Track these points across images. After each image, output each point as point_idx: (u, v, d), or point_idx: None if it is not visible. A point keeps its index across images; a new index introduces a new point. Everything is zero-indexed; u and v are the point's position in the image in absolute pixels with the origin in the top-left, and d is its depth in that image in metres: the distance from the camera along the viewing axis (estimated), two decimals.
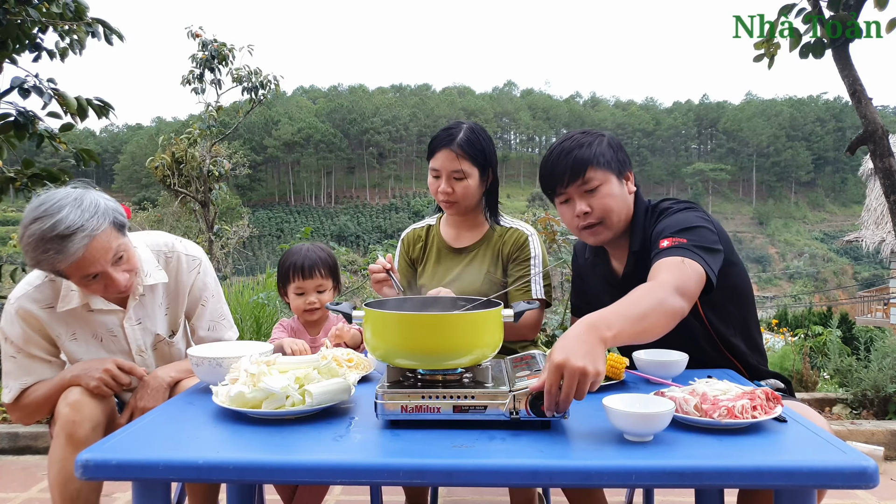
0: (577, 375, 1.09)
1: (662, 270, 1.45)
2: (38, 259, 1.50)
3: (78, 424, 1.56)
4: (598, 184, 1.67)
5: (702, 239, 1.55)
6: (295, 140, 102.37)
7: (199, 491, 1.78)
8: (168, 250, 1.85)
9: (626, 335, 1.22)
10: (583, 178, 1.66)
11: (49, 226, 1.46)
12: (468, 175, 1.99)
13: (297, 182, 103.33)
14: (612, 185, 1.68)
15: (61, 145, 3.13)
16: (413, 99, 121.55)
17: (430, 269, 2.14)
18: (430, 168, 2.03)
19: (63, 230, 1.47)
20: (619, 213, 1.70)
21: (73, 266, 1.52)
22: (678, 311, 1.34)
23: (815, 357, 4.64)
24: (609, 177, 1.68)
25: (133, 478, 1.06)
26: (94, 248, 1.52)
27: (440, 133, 2.03)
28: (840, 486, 0.99)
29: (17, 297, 1.70)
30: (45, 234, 1.47)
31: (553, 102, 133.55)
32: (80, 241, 1.48)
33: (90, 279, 1.58)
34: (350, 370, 1.54)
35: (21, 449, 3.24)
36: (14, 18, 2.89)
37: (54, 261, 1.49)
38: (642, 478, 1.00)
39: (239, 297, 4.57)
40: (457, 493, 2.60)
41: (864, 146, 3.44)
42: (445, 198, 2.01)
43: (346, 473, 1.02)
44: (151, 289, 1.82)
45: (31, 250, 1.49)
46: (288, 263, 2.07)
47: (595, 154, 1.66)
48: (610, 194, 1.68)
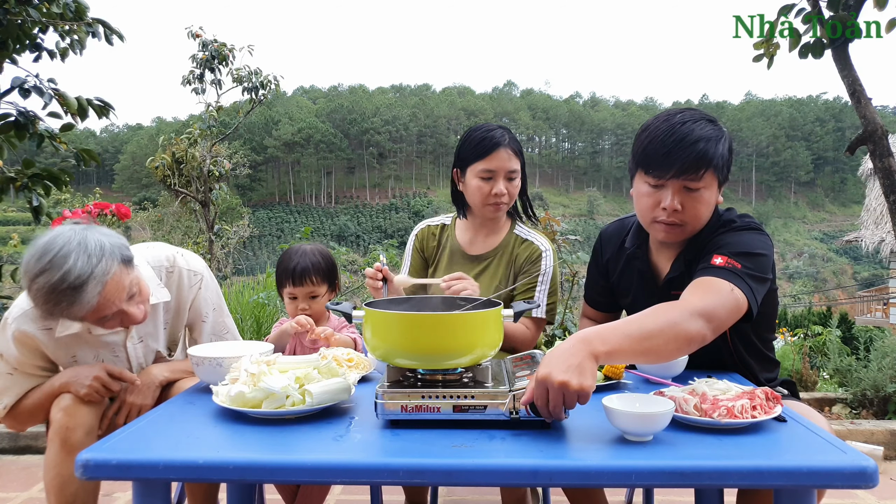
0: (560, 390, 1.08)
1: (698, 290, 1.36)
2: (50, 310, 1.45)
3: (71, 430, 1.56)
4: (703, 187, 1.50)
5: (758, 268, 1.45)
6: (295, 140, 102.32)
7: (199, 491, 1.78)
8: (169, 265, 1.81)
9: (624, 353, 1.17)
10: (695, 175, 1.48)
11: (58, 278, 1.39)
12: (518, 174, 1.98)
13: (297, 182, 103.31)
14: (713, 192, 1.53)
15: (62, 145, 3.13)
16: (413, 99, 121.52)
17: (441, 272, 2.09)
18: (481, 170, 1.94)
19: (74, 281, 1.40)
20: (703, 222, 1.56)
21: (88, 314, 1.48)
22: (695, 336, 1.25)
23: (814, 357, 4.64)
24: (714, 184, 1.52)
25: (133, 478, 1.06)
26: (107, 292, 1.47)
27: (483, 134, 1.95)
28: (840, 485, 0.99)
29: (14, 317, 1.64)
30: (55, 286, 1.39)
31: (553, 102, 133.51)
32: (92, 289, 1.43)
33: (106, 319, 1.55)
34: (350, 370, 1.54)
35: (22, 449, 3.24)
36: (14, 18, 2.89)
37: (69, 312, 1.45)
38: (642, 477, 1.00)
39: (239, 297, 4.57)
40: (456, 492, 2.60)
41: (864, 146, 3.44)
42: (498, 200, 1.94)
43: (346, 473, 1.02)
44: (154, 308, 1.78)
45: (42, 302, 1.43)
46: (283, 266, 2.02)
47: (718, 155, 1.48)
48: (707, 203, 1.52)
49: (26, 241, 7.80)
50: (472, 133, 2.00)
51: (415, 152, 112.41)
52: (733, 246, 1.47)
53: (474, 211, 2.06)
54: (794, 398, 1.70)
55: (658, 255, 1.71)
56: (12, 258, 5.19)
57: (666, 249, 1.68)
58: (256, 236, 37.80)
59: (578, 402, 1.10)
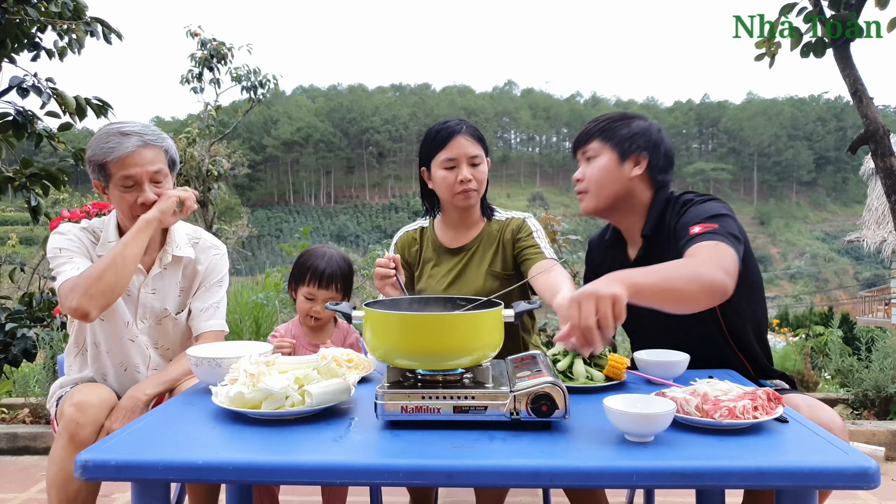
0: (594, 299, 1.14)
1: (699, 252, 1.48)
2: (96, 150, 1.75)
3: (81, 426, 1.57)
4: (594, 155, 1.79)
5: (729, 227, 1.58)
6: (294, 139, 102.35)
7: (199, 491, 1.78)
8: (196, 236, 2.00)
9: (649, 290, 1.25)
10: (584, 147, 1.82)
11: (117, 126, 1.78)
12: (482, 160, 1.98)
13: (296, 182, 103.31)
14: (607, 159, 1.77)
15: (60, 145, 3.13)
16: (413, 98, 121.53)
17: (429, 271, 2.09)
18: (443, 160, 1.94)
19: (125, 129, 1.77)
20: (605, 188, 1.77)
21: (119, 161, 1.74)
22: (718, 285, 1.36)
23: (816, 357, 4.63)
24: (607, 152, 1.77)
25: (132, 478, 1.05)
26: (142, 152, 1.76)
27: (440, 127, 1.99)
28: (841, 486, 0.98)
29: (64, 226, 1.86)
30: (110, 130, 1.77)
31: (553, 102, 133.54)
32: (134, 141, 1.75)
33: (127, 187, 1.76)
34: (350, 370, 1.53)
35: (20, 449, 3.23)
36: (13, 18, 2.89)
37: (108, 153, 1.74)
38: (643, 478, 0.99)
39: (238, 297, 4.56)
40: (456, 493, 2.60)
41: (866, 146, 3.44)
42: (466, 185, 1.94)
43: (346, 474, 1.02)
44: (177, 262, 1.92)
45: (93, 146, 1.77)
46: (308, 265, 2.00)
47: (603, 129, 1.79)
48: (602, 167, 1.77)
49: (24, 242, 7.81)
50: (430, 129, 2.03)
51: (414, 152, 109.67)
52: (700, 215, 1.63)
53: (445, 205, 2.06)
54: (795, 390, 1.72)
55: (630, 244, 1.88)
56: (11, 258, 5.19)
57: (635, 237, 1.85)
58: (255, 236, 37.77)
59: (615, 317, 1.15)
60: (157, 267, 1.88)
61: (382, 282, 1.83)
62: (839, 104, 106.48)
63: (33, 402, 3.64)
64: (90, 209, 3.41)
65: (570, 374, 1.51)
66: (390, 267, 1.81)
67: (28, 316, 2.99)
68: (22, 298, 3.09)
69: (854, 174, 74.04)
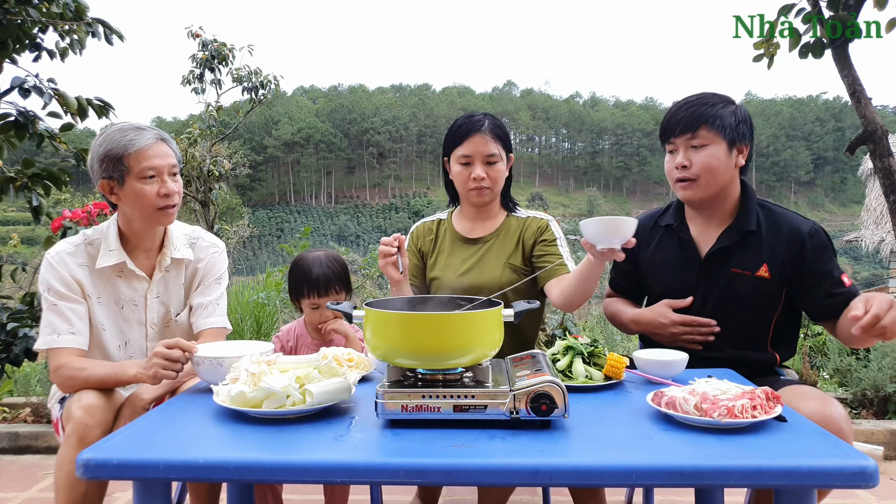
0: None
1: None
2: (113, 145, 1.73)
3: (90, 428, 1.56)
4: (705, 143, 1.73)
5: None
6: (295, 140, 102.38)
7: (201, 490, 1.78)
8: (194, 236, 2.00)
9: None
10: (692, 133, 1.73)
11: (125, 123, 1.81)
12: (500, 159, 1.98)
13: (297, 182, 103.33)
14: (718, 149, 1.72)
15: (61, 145, 3.13)
16: (413, 99, 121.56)
17: (444, 260, 2.09)
18: (459, 156, 1.96)
19: (140, 125, 1.80)
20: (716, 178, 1.74)
21: (140, 152, 1.74)
22: None
23: (814, 356, 4.64)
24: (718, 140, 1.72)
25: (134, 477, 1.06)
26: (160, 146, 1.78)
27: (462, 121, 1.99)
28: (840, 485, 0.99)
29: (56, 251, 1.81)
30: (123, 126, 1.78)
31: (553, 102, 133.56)
32: (152, 135, 1.77)
33: (147, 178, 1.75)
34: (350, 370, 1.54)
35: (21, 449, 3.24)
36: (14, 18, 2.89)
37: (128, 144, 1.73)
38: (642, 477, 1.00)
39: (239, 296, 4.56)
40: (457, 492, 2.60)
41: (864, 146, 3.44)
42: (479, 184, 1.95)
43: (347, 472, 1.03)
44: (177, 264, 1.92)
45: (107, 139, 1.74)
46: (302, 276, 2.02)
47: (713, 115, 1.72)
48: (714, 156, 1.72)
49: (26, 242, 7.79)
50: (455, 121, 2.04)
51: (415, 152, 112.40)
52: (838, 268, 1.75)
53: (461, 198, 2.09)
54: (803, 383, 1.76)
55: (700, 231, 1.87)
56: (12, 258, 5.19)
57: (704, 224, 1.85)
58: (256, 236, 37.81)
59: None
60: (158, 272, 1.88)
61: (384, 260, 1.81)
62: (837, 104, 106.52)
63: (35, 402, 3.64)
64: (91, 209, 3.41)
65: (569, 374, 1.51)
66: (393, 245, 1.80)
67: (29, 315, 2.99)
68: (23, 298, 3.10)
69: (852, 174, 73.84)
